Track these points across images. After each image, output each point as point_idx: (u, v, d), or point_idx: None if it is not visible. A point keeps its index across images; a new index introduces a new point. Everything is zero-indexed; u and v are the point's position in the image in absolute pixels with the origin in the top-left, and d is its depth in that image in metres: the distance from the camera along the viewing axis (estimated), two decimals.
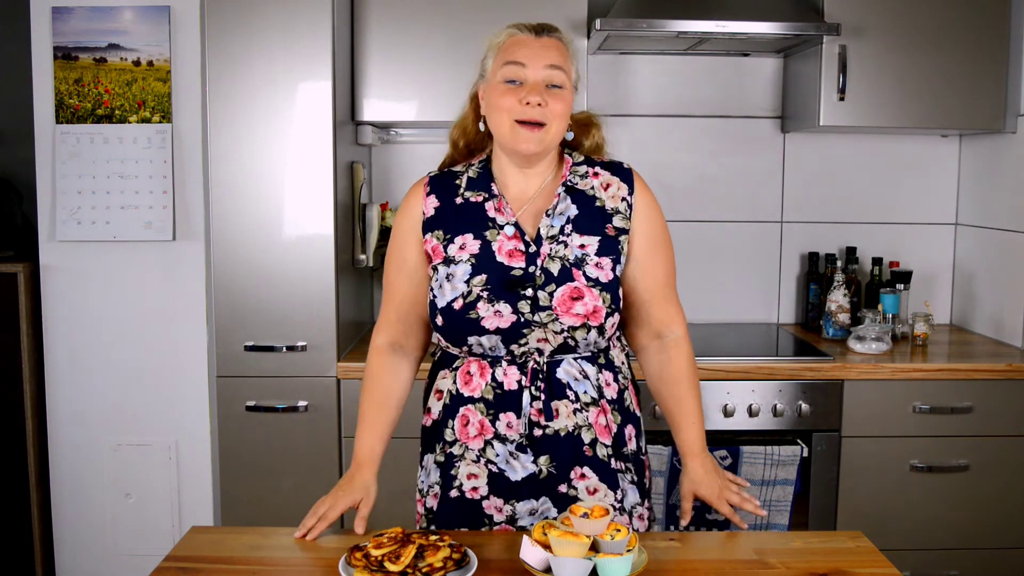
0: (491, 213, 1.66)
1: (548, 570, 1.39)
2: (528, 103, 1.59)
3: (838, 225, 3.31)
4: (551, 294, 1.60)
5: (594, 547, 1.42)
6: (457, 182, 1.71)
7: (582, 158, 1.73)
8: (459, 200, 1.69)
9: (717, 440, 2.61)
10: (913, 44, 2.87)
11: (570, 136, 1.71)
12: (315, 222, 2.62)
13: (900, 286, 3.10)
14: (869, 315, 2.88)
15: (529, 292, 1.60)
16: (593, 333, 1.62)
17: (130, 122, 2.73)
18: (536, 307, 1.59)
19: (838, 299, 3.00)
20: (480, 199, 1.68)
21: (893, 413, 2.69)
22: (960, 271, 3.30)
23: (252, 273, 2.63)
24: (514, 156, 1.66)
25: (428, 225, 1.68)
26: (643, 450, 1.77)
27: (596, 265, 1.62)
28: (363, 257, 2.91)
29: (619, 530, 1.43)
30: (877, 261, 3.16)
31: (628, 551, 1.41)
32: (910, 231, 3.33)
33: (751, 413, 2.66)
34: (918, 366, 2.69)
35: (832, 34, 2.74)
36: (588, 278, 1.61)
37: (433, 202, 1.70)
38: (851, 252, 3.21)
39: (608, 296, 1.62)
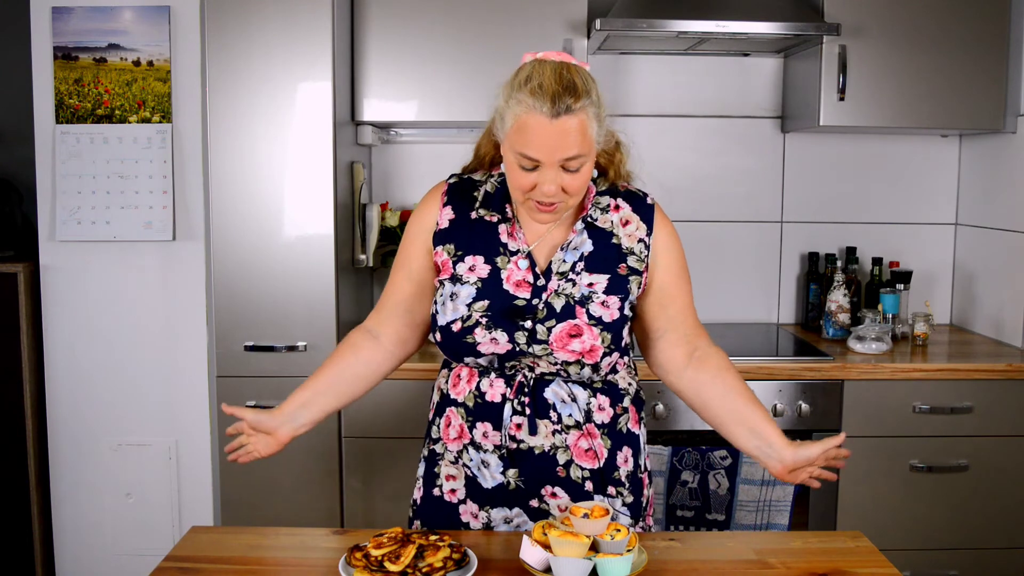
0: (503, 237, 1.63)
1: (548, 570, 1.39)
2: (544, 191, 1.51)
3: (838, 225, 3.31)
4: (549, 329, 1.58)
5: (594, 547, 1.42)
6: (475, 194, 1.68)
7: (605, 186, 1.67)
8: (474, 215, 1.66)
9: (717, 440, 2.60)
10: (913, 44, 2.87)
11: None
12: (315, 222, 2.62)
13: (900, 286, 3.10)
14: (869, 315, 2.88)
15: (528, 324, 1.58)
16: (587, 370, 1.60)
17: (130, 122, 2.73)
18: (533, 339, 1.58)
19: (838, 299, 3.00)
20: (494, 220, 1.65)
21: (893, 413, 2.69)
22: (960, 271, 3.30)
23: (252, 273, 2.63)
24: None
25: (440, 237, 1.66)
26: (643, 467, 1.74)
27: (602, 304, 1.59)
28: (363, 257, 2.91)
29: (619, 530, 1.43)
30: (877, 261, 3.16)
31: (628, 551, 1.41)
32: (910, 231, 3.33)
33: None
34: (918, 366, 2.69)
35: (832, 34, 2.74)
36: (591, 316, 1.58)
37: (448, 213, 1.67)
38: (851, 252, 3.21)
39: (609, 336, 1.59)
